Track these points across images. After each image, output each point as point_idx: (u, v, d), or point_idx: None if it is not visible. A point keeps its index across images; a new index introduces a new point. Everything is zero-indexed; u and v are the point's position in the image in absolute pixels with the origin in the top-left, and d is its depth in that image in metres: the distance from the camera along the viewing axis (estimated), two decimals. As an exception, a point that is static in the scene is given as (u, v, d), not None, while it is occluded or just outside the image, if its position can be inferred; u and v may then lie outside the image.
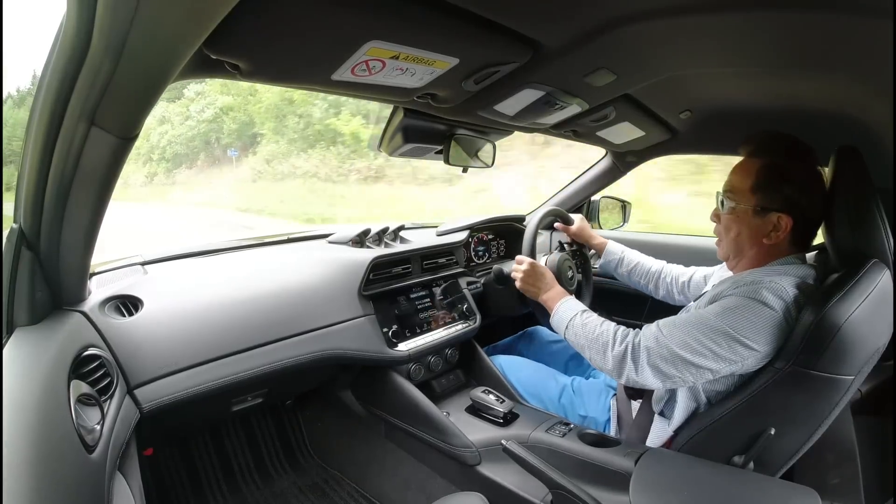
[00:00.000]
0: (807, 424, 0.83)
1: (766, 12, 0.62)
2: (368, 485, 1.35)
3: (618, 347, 0.88)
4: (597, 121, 1.16)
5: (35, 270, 0.70)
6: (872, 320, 0.77)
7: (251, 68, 0.61)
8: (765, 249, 0.89)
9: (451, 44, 0.66)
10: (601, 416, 1.13)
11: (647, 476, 0.77)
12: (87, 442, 0.59)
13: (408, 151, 1.16)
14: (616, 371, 0.89)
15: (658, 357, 0.84)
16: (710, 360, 0.81)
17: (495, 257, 1.82)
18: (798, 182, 0.84)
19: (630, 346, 0.87)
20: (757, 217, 0.87)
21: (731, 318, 0.79)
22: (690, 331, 0.82)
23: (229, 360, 0.95)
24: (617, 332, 0.91)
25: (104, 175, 0.62)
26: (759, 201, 0.86)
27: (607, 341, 0.90)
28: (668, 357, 0.83)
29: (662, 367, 0.84)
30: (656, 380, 0.85)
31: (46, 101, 0.53)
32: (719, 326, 0.80)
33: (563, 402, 1.20)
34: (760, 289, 0.80)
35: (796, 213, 0.85)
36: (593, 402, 1.16)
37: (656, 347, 0.84)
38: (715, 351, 0.80)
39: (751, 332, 0.78)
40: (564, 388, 1.22)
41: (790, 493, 0.73)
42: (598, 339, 0.92)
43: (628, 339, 0.88)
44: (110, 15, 0.42)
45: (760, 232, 0.87)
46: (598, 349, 0.92)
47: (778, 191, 0.85)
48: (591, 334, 0.94)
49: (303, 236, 1.52)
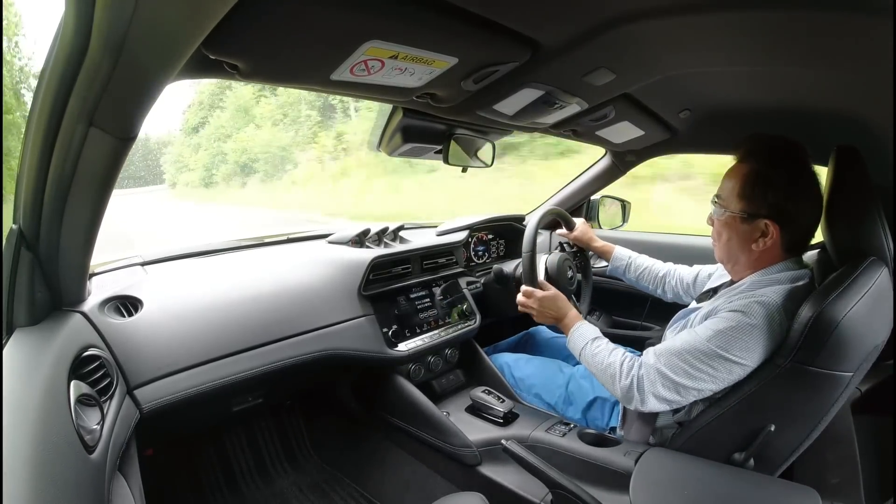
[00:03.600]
0: (806, 421, 0.83)
1: (765, 11, 0.62)
2: (368, 485, 1.35)
3: (624, 381, 0.91)
4: (596, 120, 1.16)
5: (34, 271, 0.70)
6: (870, 317, 0.77)
7: (250, 68, 0.61)
8: (756, 255, 0.89)
9: (450, 43, 0.66)
10: (602, 418, 1.13)
11: (647, 475, 0.77)
12: (87, 442, 0.59)
13: (407, 151, 1.16)
14: (624, 401, 0.92)
15: (661, 386, 0.87)
16: (708, 382, 0.84)
17: (495, 257, 1.82)
18: (783, 188, 0.84)
19: (635, 380, 0.89)
20: (745, 223, 0.88)
21: (722, 340, 0.82)
22: (686, 357, 0.85)
23: (229, 360, 0.95)
24: (623, 364, 0.93)
25: (103, 175, 0.62)
26: (746, 208, 0.87)
27: (614, 374, 0.93)
28: (669, 386, 0.86)
29: (665, 395, 0.87)
30: (661, 405, 0.88)
31: (45, 101, 0.53)
32: (712, 351, 0.82)
33: (572, 389, 1.19)
34: (752, 303, 0.82)
35: (783, 219, 0.85)
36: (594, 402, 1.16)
37: (657, 378, 0.87)
38: (711, 374, 0.83)
39: (742, 352, 0.81)
40: (572, 376, 1.22)
41: (790, 493, 0.73)
42: (605, 370, 0.95)
43: (633, 372, 0.90)
44: (108, 15, 0.42)
45: (749, 238, 0.88)
46: (607, 380, 0.95)
47: (763, 197, 0.85)
48: (600, 365, 0.96)
49: (302, 236, 1.52)
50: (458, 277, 1.51)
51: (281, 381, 1.14)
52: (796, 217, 0.85)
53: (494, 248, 1.83)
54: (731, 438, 0.86)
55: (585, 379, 1.19)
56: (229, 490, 1.38)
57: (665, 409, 0.90)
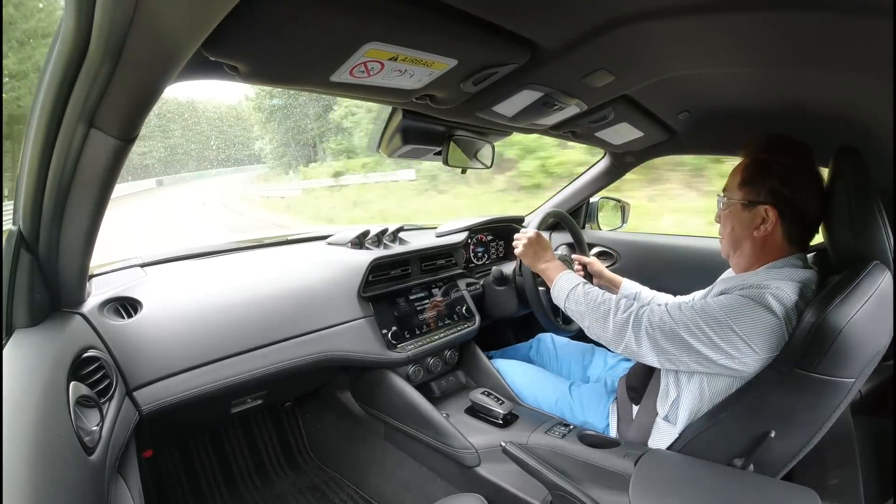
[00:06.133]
0: (807, 427, 0.82)
1: (765, 12, 0.62)
2: (368, 486, 1.35)
3: (621, 315, 0.90)
4: (595, 122, 1.16)
5: (34, 272, 0.70)
6: (873, 322, 0.77)
7: (250, 70, 0.61)
8: (759, 243, 0.90)
9: (450, 45, 0.66)
10: (600, 423, 1.13)
11: (646, 477, 0.77)
12: (87, 444, 0.59)
13: (407, 153, 1.16)
14: (615, 338, 0.90)
15: (659, 332, 0.86)
16: (707, 348, 0.82)
17: (494, 258, 1.82)
18: (780, 175, 0.87)
19: (633, 316, 0.89)
20: (746, 210, 0.90)
21: (734, 315, 0.81)
22: (693, 316, 0.84)
23: (228, 361, 0.95)
24: (620, 301, 0.92)
25: (103, 177, 0.62)
26: (746, 195, 0.90)
27: (609, 308, 0.92)
28: (668, 334, 0.85)
29: (661, 342, 0.86)
30: (652, 354, 0.87)
31: (45, 102, 0.53)
32: (722, 319, 0.81)
33: (561, 407, 1.20)
34: (765, 294, 0.81)
35: (781, 204, 0.87)
36: (593, 408, 1.16)
37: (658, 322, 0.86)
38: (713, 340, 0.82)
39: (751, 332, 0.79)
40: (562, 393, 1.21)
41: (790, 494, 0.73)
42: (600, 306, 0.94)
43: (632, 308, 0.90)
44: (109, 17, 0.42)
45: (750, 225, 0.90)
46: (600, 316, 0.93)
47: (762, 183, 0.88)
48: (592, 302, 0.95)
49: (302, 238, 1.52)
50: (458, 279, 1.51)
51: (280, 383, 1.14)
52: (793, 202, 0.86)
53: (494, 250, 1.83)
54: (731, 444, 0.85)
55: (576, 399, 1.19)
56: (228, 491, 1.38)
57: (653, 362, 0.88)
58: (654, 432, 0.99)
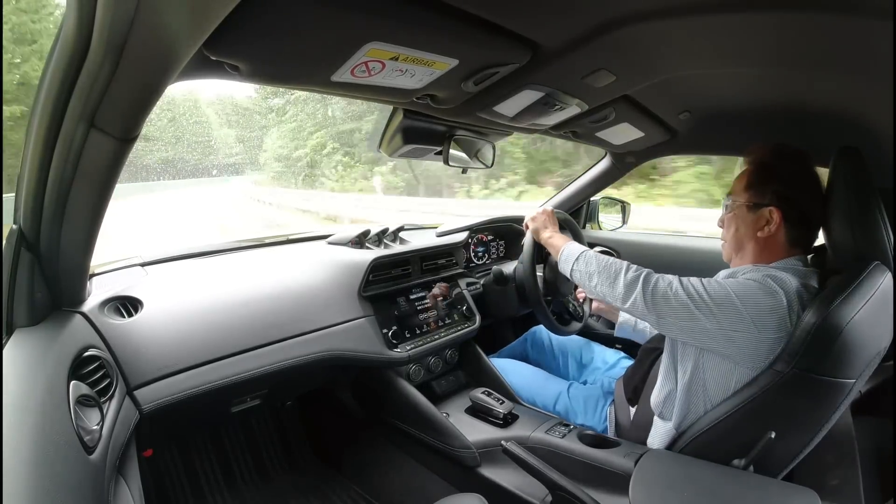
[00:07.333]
0: (808, 428, 0.82)
1: (765, 13, 0.62)
2: (368, 486, 1.35)
3: (632, 273, 0.92)
4: (596, 122, 1.16)
5: (35, 271, 0.70)
6: (874, 323, 0.77)
7: (251, 69, 0.61)
8: (762, 244, 0.91)
9: (451, 45, 0.66)
10: (598, 426, 1.13)
11: (646, 477, 0.77)
12: (87, 443, 0.59)
13: (407, 152, 1.16)
14: (623, 295, 0.92)
15: (667, 291, 0.87)
16: (708, 319, 0.83)
17: (495, 258, 1.82)
18: (785, 178, 0.89)
19: (644, 275, 0.91)
20: (751, 212, 0.92)
21: (740, 291, 0.82)
22: (698, 286, 0.86)
23: (229, 361, 0.95)
24: (630, 264, 0.95)
25: (104, 176, 0.62)
26: (751, 197, 0.92)
27: (620, 268, 0.94)
28: (672, 298, 0.86)
29: (664, 304, 0.87)
30: (653, 314, 0.88)
31: (46, 102, 0.53)
32: (727, 293, 0.83)
33: (559, 409, 1.20)
34: (768, 279, 0.83)
35: (785, 206, 0.88)
36: (590, 411, 1.16)
37: (666, 286, 0.88)
38: (714, 312, 0.82)
39: (754, 310, 0.80)
40: (560, 395, 1.22)
41: (790, 494, 0.73)
42: (610, 266, 0.96)
43: (642, 270, 0.93)
44: (110, 17, 0.42)
45: (755, 226, 0.91)
46: (610, 276, 0.95)
47: (767, 186, 0.90)
48: (602, 263, 0.98)
49: (302, 237, 1.52)
50: (458, 278, 1.51)
51: (281, 382, 1.14)
52: (797, 204, 0.88)
53: (494, 249, 1.83)
54: (731, 445, 0.85)
55: (574, 401, 1.19)
56: (228, 491, 1.38)
57: (653, 321, 0.89)
58: (653, 433, 0.99)
